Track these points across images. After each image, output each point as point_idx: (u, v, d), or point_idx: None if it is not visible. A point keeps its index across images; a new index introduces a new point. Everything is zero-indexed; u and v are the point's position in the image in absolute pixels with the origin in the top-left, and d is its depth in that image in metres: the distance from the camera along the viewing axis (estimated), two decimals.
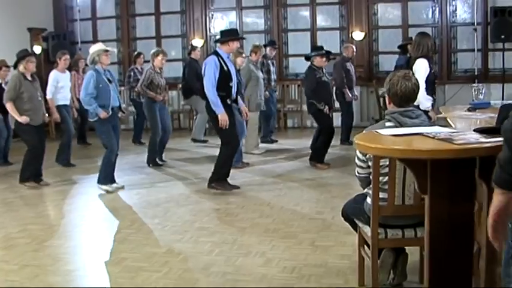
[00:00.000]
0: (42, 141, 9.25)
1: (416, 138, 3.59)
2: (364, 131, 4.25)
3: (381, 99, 13.45)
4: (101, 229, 6.94)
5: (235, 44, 8.31)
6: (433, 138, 3.50)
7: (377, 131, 3.87)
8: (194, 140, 12.88)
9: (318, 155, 9.89)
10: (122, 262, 5.66)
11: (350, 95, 12.11)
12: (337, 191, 8.13)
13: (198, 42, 15.26)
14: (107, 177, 8.63)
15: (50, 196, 8.61)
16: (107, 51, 8.46)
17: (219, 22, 15.74)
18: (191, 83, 12.23)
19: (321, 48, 10.38)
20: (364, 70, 14.49)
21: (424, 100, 6.79)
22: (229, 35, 8.32)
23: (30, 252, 6.08)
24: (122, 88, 14.95)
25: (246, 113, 9.16)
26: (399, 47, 12.49)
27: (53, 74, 10.75)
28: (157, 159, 10.54)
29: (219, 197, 8.04)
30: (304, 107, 14.44)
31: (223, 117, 7.95)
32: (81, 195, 8.66)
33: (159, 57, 10.39)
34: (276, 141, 12.54)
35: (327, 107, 9.74)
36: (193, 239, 6.25)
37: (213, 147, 11.81)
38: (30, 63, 9.05)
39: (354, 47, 12.48)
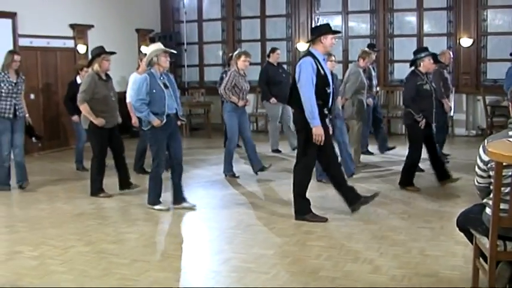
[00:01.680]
0: (118, 144, 8.95)
1: None
2: (486, 141, 4.15)
3: (489, 108, 13.15)
4: (206, 228, 7.03)
5: (329, 41, 7.06)
6: None
7: (509, 139, 3.76)
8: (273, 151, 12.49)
9: (406, 177, 8.76)
10: (229, 262, 5.73)
11: (451, 105, 11.26)
12: (445, 200, 7.95)
13: (303, 46, 15.27)
14: (158, 195, 7.90)
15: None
16: (166, 52, 7.68)
17: None
18: (261, 87, 12.10)
19: (426, 49, 9.05)
20: (470, 78, 14.14)
21: None
22: (321, 30, 7.21)
23: (140, 248, 6.23)
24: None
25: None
26: None
27: (133, 77, 9.90)
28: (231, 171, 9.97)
29: (324, 202, 7.97)
30: None
31: (318, 131, 6.87)
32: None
33: (242, 59, 9.81)
34: (372, 153, 11.92)
35: (424, 120, 8.52)
36: (300, 242, 6.25)
37: None
38: (106, 62, 8.60)
39: (450, 53, 11.75)
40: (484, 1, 14.19)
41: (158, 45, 7.79)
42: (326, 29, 7.15)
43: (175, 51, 8.32)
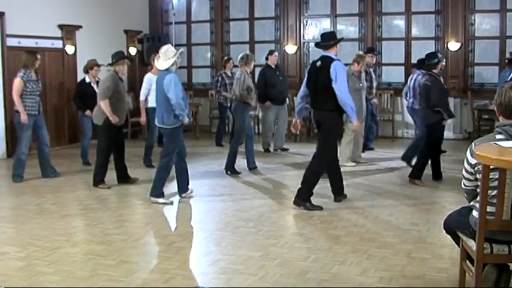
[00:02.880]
0: (121, 141, 9.55)
1: None
2: (473, 144, 4.18)
3: (476, 112, 13.22)
4: (194, 230, 7.03)
5: (338, 48, 7.96)
6: None
7: (496, 143, 3.79)
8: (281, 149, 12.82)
9: (417, 172, 9.27)
10: (217, 264, 5.74)
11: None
12: (432, 203, 8.00)
13: (291, 48, 15.31)
14: (162, 189, 8.27)
15: (144, 195, 8.78)
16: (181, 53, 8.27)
17: (313, 29, 15.72)
18: (259, 90, 12.18)
19: (436, 54, 9.73)
20: (458, 81, 14.19)
21: None
22: (337, 38, 7.98)
23: (128, 249, 6.23)
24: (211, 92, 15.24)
25: None
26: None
27: (147, 77, 10.76)
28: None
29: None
30: (397, 117, 14.37)
31: (358, 125, 8.34)
32: (174, 196, 8.76)
33: (253, 62, 10.38)
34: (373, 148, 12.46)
35: (449, 119, 9.39)
36: (288, 245, 6.27)
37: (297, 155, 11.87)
38: (126, 65, 9.41)
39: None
40: (472, 5, 14.25)
41: (172, 48, 8.15)
42: (339, 38, 8.02)
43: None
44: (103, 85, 9.19)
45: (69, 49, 13.71)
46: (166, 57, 8.03)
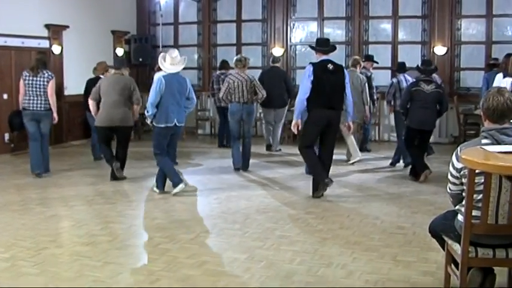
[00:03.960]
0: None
1: None
2: (459, 148, 4.21)
3: (462, 116, 13.28)
4: (180, 232, 7.00)
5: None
6: None
7: (482, 147, 3.81)
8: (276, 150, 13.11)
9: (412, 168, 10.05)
10: (203, 265, 5.72)
11: None
12: (418, 207, 8.02)
13: (278, 51, 15.32)
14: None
15: (130, 196, 8.76)
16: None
17: (300, 32, 15.77)
18: None
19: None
20: (444, 86, 14.24)
21: None
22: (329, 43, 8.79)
23: (113, 250, 6.21)
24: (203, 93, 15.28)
25: None
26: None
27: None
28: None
29: (298, 206, 8.07)
30: (384, 120, 14.42)
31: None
32: (160, 198, 8.76)
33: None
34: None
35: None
36: (274, 247, 6.27)
37: (286, 156, 11.90)
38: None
39: None
40: (458, 10, 14.35)
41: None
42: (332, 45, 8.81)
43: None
44: (137, 90, 9.75)
45: (56, 49, 13.67)
46: (174, 62, 8.56)
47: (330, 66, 8.36)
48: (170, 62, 8.52)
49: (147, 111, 8.59)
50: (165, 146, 8.77)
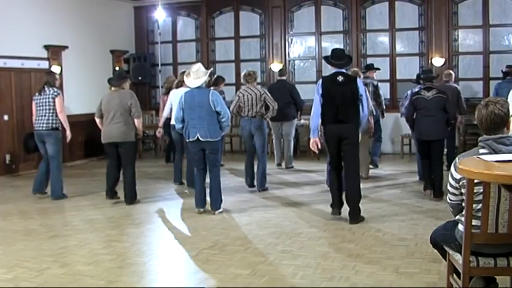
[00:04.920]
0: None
1: None
2: (457, 159, 4.23)
3: (461, 126, 13.27)
4: (183, 249, 7.01)
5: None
6: None
7: (479, 157, 3.83)
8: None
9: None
10: (206, 282, 5.73)
11: None
12: (418, 219, 8.02)
13: (276, 66, 15.35)
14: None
15: (133, 215, 8.77)
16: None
17: (298, 47, 15.82)
18: None
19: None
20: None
21: None
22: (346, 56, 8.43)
23: (116, 269, 6.21)
24: None
25: None
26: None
27: (176, 93, 10.36)
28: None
29: (299, 221, 8.06)
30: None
31: None
32: (162, 216, 8.77)
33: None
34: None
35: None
36: (276, 262, 6.27)
37: (294, 173, 11.89)
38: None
39: None
40: (455, 21, 14.42)
41: (203, 68, 8.69)
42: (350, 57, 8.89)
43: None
44: (137, 105, 9.56)
45: (55, 69, 13.66)
46: (197, 76, 8.45)
47: (340, 78, 7.89)
48: (193, 77, 8.47)
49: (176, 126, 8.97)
50: (196, 159, 8.74)
